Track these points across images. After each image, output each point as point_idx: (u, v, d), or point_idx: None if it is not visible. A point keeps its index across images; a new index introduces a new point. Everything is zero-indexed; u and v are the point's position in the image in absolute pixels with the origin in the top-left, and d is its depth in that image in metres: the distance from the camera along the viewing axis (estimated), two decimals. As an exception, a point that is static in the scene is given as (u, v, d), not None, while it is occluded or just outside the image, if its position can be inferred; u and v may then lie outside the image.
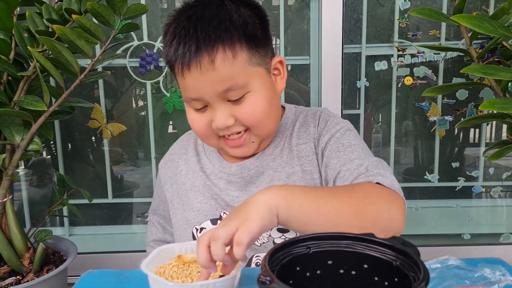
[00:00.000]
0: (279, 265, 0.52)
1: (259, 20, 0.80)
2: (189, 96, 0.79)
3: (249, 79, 0.77)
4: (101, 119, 1.83)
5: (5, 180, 1.32)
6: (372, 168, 0.77)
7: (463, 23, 1.05)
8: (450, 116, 1.81)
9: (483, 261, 0.75)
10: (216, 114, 0.78)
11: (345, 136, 0.85)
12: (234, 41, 0.74)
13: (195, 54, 0.73)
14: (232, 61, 0.74)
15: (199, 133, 0.85)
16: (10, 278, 1.33)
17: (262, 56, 0.80)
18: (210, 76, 0.74)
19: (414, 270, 0.49)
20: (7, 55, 1.29)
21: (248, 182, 0.87)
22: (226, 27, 0.74)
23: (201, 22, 0.74)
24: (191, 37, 0.74)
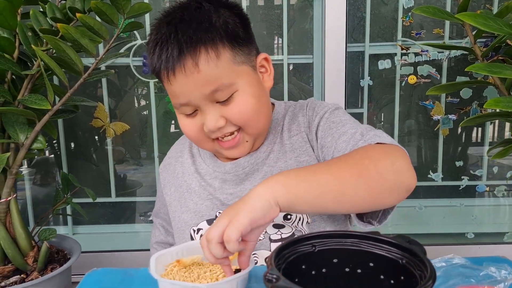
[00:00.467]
0: (285, 263, 0.52)
1: (239, 19, 0.80)
2: (178, 102, 0.79)
3: (235, 78, 0.77)
4: (105, 118, 1.83)
5: (10, 178, 1.33)
6: (367, 132, 0.75)
7: (468, 21, 1.05)
8: (454, 115, 1.81)
9: (488, 260, 0.75)
10: (206, 117, 0.78)
11: (333, 115, 0.84)
12: (216, 41, 0.74)
13: (178, 58, 0.73)
14: (216, 61, 0.74)
15: (192, 138, 0.85)
16: (15, 277, 1.34)
17: (246, 54, 0.79)
18: (195, 79, 0.74)
19: (421, 268, 0.49)
20: (11, 54, 1.29)
21: (243, 180, 0.88)
22: (206, 28, 0.74)
23: (181, 25, 0.74)
24: (172, 42, 0.73)
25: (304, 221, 0.84)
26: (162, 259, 0.69)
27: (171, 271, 0.67)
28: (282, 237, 0.84)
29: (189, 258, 0.70)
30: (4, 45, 1.25)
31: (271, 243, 0.85)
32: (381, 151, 0.68)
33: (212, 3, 0.79)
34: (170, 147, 1.03)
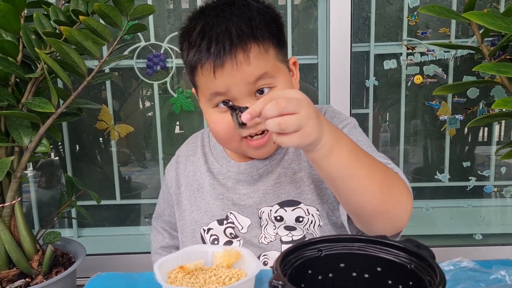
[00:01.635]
0: (290, 268, 0.52)
1: (277, 24, 0.82)
2: (216, 90, 0.77)
3: (277, 73, 0.79)
4: (109, 120, 1.83)
5: (14, 182, 1.32)
6: (384, 160, 0.79)
7: (476, 20, 1.04)
8: (461, 115, 1.80)
9: (497, 263, 0.74)
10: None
11: (352, 132, 0.86)
12: (265, 37, 0.76)
13: (230, 51, 0.73)
14: (264, 55, 0.76)
15: (221, 135, 0.84)
16: (20, 281, 1.34)
17: (284, 54, 0.83)
18: (244, 71, 0.75)
19: (430, 273, 0.49)
20: (15, 57, 1.29)
21: (256, 180, 0.88)
22: (257, 24, 0.76)
23: (232, 18, 0.75)
24: (224, 35, 0.74)
25: (316, 224, 0.85)
26: (163, 266, 0.68)
27: (176, 278, 0.66)
28: (293, 239, 0.85)
29: (192, 264, 0.70)
30: (7, 48, 1.25)
31: (282, 245, 0.85)
32: (404, 186, 0.72)
33: (257, 2, 0.81)
34: (175, 148, 1.03)
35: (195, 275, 0.67)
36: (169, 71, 1.80)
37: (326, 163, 0.63)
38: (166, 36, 1.78)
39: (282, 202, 0.86)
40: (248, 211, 0.88)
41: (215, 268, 0.70)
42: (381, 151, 1.95)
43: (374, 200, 0.66)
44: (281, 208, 0.86)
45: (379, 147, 1.93)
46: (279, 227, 0.86)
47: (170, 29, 1.82)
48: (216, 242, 0.89)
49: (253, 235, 0.87)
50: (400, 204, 0.69)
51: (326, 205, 0.86)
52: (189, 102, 1.80)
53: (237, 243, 0.88)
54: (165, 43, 1.78)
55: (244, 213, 0.89)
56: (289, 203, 0.86)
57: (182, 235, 0.95)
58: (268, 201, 0.87)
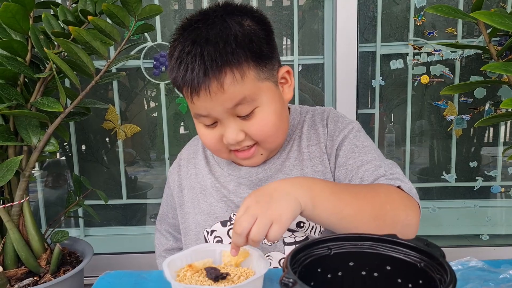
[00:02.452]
0: (300, 266, 0.52)
1: (263, 32, 0.79)
2: (198, 113, 0.79)
3: (257, 95, 0.77)
4: (116, 120, 1.84)
5: (23, 181, 1.33)
6: (390, 170, 0.80)
7: (484, 20, 1.03)
8: (467, 115, 1.79)
9: (506, 263, 0.74)
10: (226, 130, 0.79)
11: (357, 138, 0.86)
12: (241, 62, 0.74)
13: (204, 80, 0.73)
14: (241, 82, 0.74)
15: (210, 148, 0.86)
16: (28, 279, 1.35)
17: (269, 70, 0.79)
18: (219, 98, 0.74)
19: (440, 272, 0.49)
20: (24, 57, 1.30)
21: (256, 185, 0.88)
22: (232, 49, 0.73)
23: (206, 45, 0.73)
24: (198, 63, 0.73)
25: (316, 230, 0.84)
26: (172, 265, 0.68)
27: (185, 276, 0.66)
28: (296, 240, 0.84)
29: (201, 262, 0.70)
30: (16, 48, 1.26)
31: (284, 246, 0.85)
32: (402, 201, 0.73)
33: (237, 15, 0.78)
34: (180, 148, 1.03)
35: (204, 273, 0.67)
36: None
37: (316, 217, 0.67)
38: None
39: None
40: None
41: (223, 266, 0.70)
42: (386, 152, 1.94)
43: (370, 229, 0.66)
44: None
45: (384, 148, 1.93)
46: None
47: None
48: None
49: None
50: (397, 224, 0.71)
51: None
52: (195, 102, 1.81)
53: None
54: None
55: None
56: None
57: (186, 237, 0.95)
58: None
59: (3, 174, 1.23)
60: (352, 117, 1.74)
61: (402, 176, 0.80)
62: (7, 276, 1.33)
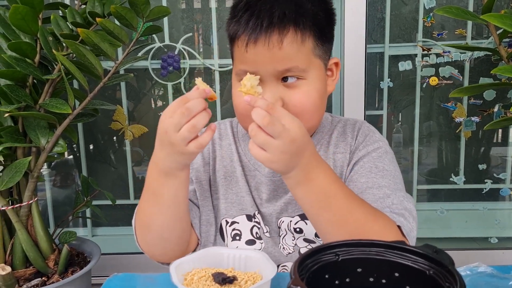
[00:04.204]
0: (308, 272, 0.51)
1: (327, 15, 0.81)
2: (245, 69, 0.76)
3: (308, 67, 0.77)
4: (123, 120, 1.85)
5: (31, 182, 1.35)
6: (397, 204, 0.77)
7: (494, 22, 1.03)
8: (477, 117, 1.79)
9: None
10: (266, 93, 0.76)
11: (381, 159, 0.84)
12: (306, 27, 0.75)
13: (266, 30, 0.73)
14: (299, 44, 0.74)
15: (240, 109, 0.81)
16: (36, 279, 1.36)
17: (324, 50, 0.80)
18: (274, 54, 0.74)
19: (449, 280, 0.48)
20: (33, 59, 1.32)
21: (278, 186, 0.87)
22: (303, 11, 0.74)
23: (278, 0, 0.74)
24: (266, 12, 0.73)
25: None
26: (179, 268, 0.68)
27: (192, 280, 0.66)
28: None
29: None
30: (25, 49, 1.28)
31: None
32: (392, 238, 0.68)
33: None
34: None
35: (211, 277, 0.68)
36: (182, 71, 1.81)
37: (294, 194, 0.69)
38: (180, 37, 1.80)
39: (303, 214, 0.85)
40: (267, 219, 0.87)
41: (230, 270, 0.70)
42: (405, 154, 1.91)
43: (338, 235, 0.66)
44: (301, 220, 0.85)
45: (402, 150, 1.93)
46: (298, 238, 0.85)
47: (184, 30, 1.83)
48: (237, 238, 0.87)
49: (271, 244, 0.86)
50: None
51: None
52: (202, 103, 1.82)
53: (259, 245, 0.86)
54: (179, 44, 1.80)
55: (263, 220, 0.88)
56: None
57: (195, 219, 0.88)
58: (289, 211, 0.86)
59: (12, 175, 1.25)
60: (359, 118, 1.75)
61: (408, 213, 0.76)
62: (15, 277, 1.35)
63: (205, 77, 1.88)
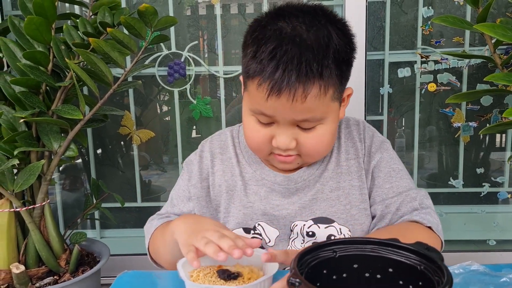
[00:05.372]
0: (307, 268, 0.54)
1: (350, 51, 0.78)
2: (263, 111, 0.76)
3: (326, 114, 0.77)
4: (131, 125, 1.88)
5: (44, 184, 1.38)
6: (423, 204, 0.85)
7: (486, 32, 1.07)
8: (474, 122, 1.80)
9: (507, 267, 0.76)
10: (280, 134, 0.77)
11: (393, 160, 0.89)
12: (330, 79, 0.72)
13: (293, 84, 0.70)
14: (323, 97, 0.73)
15: (253, 144, 0.83)
16: (48, 278, 1.39)
17: (342, 91, 0.79)
18: (297, 107, 0.73)
19: (438, 274, 0.51)
20: (46, 67, 1.35)
21: (292, 193, 0.87)
22: (328, 63, 0.71)
23: (306, 51, 0.70)
24: (294, 66, 0.70)
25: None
26: (186, 265, 0.71)
27: (198, 277, 0.69)
28: None
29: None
30: (39, 58, 1.31)
31: None
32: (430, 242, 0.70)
33: (333, 21, 0.76)
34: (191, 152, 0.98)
35: (216, 274, 0.70)
36: (188, 78, 1.84)
37: None
38: (186, 45, 1.83)
39: (317, 218, 0.86)
40: (279, 222, 0.87)
41: (234, 266, 0.74)
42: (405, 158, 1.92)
43: None
44: (314, 224, 0.86)
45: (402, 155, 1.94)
46: (307, 241, 0.86)
47: (190, 38, 1.86)
48: None
49: (279, 248, 0.87)
50: None
51: (360, 227, 0.87)
52: (207, 109, 1.85)
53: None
54: (185, 51, 1.83)
55: (273, 224, 0.88)
56: (323, 220, 0.86)
57: None
58: (303, 215, 0.87)
59: (26, 178, 1.29)
60: None
61: (432, 209, 0.85)
62: (29, 275, 1.38)
63: (210, 83, 1.90)
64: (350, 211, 0.87)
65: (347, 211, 0.86)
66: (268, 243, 0.88)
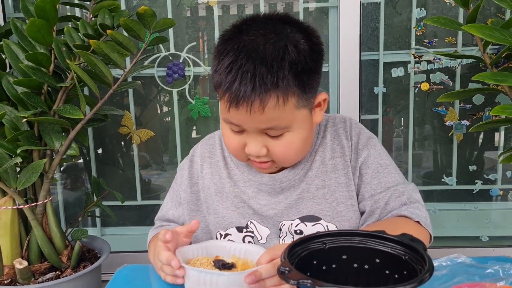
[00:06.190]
0: (297, 258, 0.56)
1: (316, 61, 0.78)
2: (229, 120, 0.79)
3: (291, 122, 0.78)
4: (131, 125, 1.91)
5: (46, 182, 1.41)
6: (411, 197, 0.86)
7: (474, 32, 1.09)
8: (466, 121, 1.83)
9: (493, 259, 0.78)
10: (251, 142, 0.80)
11: (381, 155, 0.90)
12: (289, 89, 0.74)
13: (249, 97, 0.72)
14: (282, 108, 0.74)
15: (231, 151, 0.87)
16: (50, 273, 1.42)
17: (308, 98, 0.79)
18: (256, 117, 0.74)
19: (421, 263, 0.53)
20: (47, 68, 1.37)
21: (278, 192, 0.89)
22: (284, 75, 0.73)
23: (261, 65, 0.72)
24: (248, 80, 0.72)
25: None
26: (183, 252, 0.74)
27: (194, 265, 0.72)
28: None
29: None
30: (41, 60, 1.33)
31: None
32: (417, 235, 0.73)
33: (295, 32, 0.76)
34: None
35: (212, 264, 0.73)
36: (187, 79, 1.87)
37: None
38: (185, 46, 1.85)
39: (304, 217, 0.88)
40: (268, 221, 0.89)
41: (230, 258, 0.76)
42: (395, 156, 1.94)
43: None
44: (301, 223, 0.88)
45: (392, 152, 1.96)
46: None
47: (188, 39, 1.89)
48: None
49: (270, 245, 0.87)
50: None
51: (347, 223, 0.87)
52: (206, 108, 1.88)
53: None
54: (184, 52, 1.86)
55: (264, 223, 0.89)
56: (310, 218, 0.87)
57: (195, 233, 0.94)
58: (289, 215, 0.88)
59: (29, 176, 1.31)
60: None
61: (421, 203, 0.86)
62: (31, 271, 1.41)
63: (208, 84, 1.93)
64: (336, 208, 0.88)
65: (333, 208, 0.88)
66: (260, 241, 0.90)
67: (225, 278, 0.66)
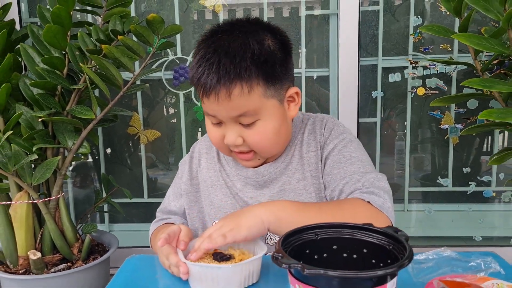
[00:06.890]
0: (290, 247, 0.59)
1: (281, 54, 0.85)
2: (207, 112, 0.86)
3: (261, 109, 0.83)
4: (139, 126, 1.96)
5: (59, 179, 1.46)
6: (368, 184, 0.84)
7: (462, 41, 1.15)
8: (461, 124, 1.86)
9: (477, 253, 0.82)
10: (227, 132, 0.86)
11: (346, 148, 0.91)
12: (252, 78, 0.80)
13: (215, 86, 0.79)
14: (247, 96, 0.80)
15: (214, 144, 0.93)
16: (62, 265, 1.47)
17: (277, 89, 0.85)
18: (225, 105, 0.81)
19: (403, 252, 0.56)
20: (62, 71, 1.43)
21: (262, 186, 0.94)
22: (247, 65, 0.79)
23: (225, 57, 0.79)
24: (213, 71, 0.79)
25: None
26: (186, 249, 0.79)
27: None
28: None
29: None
30: (56, 63, 1.39)
31: None
32: (365, 214, 0.78)
33: (259, 31, 0.83)
34: None
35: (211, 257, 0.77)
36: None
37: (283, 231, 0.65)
38: (191, 50, 1.90)
39: None
40: None
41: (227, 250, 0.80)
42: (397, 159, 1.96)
43: None
44: None
45: (394, 155, 1.99)
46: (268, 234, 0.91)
47: (194, 43, 1.92)
48: None
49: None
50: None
51: None
52: (211, 110, 1.93)
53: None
54: (190, 56, 1.90)
55: None
56: None
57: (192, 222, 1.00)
58: None
59: (43, 172, 1.37)
60: (353, 125, 1.83)
61: (378, 189, 0.82)
62: (44, 262, 1.46)
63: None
64: (315, 199, 0.92)
65: (312, 199, 0.92)
66: None
67: (224, 270, 0.71)
